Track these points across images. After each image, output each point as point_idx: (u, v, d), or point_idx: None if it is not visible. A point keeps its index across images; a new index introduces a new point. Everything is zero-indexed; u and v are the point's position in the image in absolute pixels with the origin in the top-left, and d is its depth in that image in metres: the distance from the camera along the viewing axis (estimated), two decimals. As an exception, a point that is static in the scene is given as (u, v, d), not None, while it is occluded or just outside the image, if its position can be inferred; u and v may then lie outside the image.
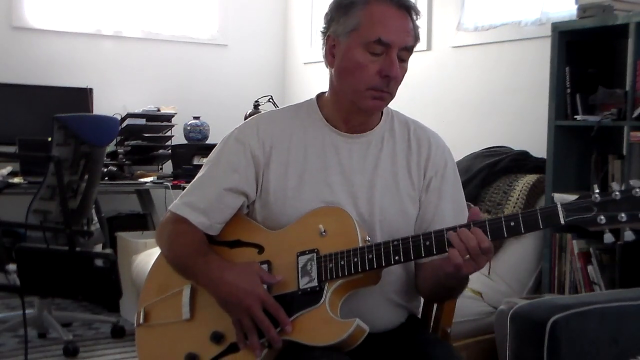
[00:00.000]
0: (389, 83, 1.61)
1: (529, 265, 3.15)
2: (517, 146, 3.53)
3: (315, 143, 1.70)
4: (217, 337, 1.62)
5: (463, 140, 3.86)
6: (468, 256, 1.46)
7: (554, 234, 3.05)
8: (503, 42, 3.82)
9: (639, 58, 2.79)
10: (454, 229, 1.49)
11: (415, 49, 1.67)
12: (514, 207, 3.16)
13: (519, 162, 3.36)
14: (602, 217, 1.40)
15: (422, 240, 1.51)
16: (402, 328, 1.73)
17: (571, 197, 2.94)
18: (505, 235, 1.45)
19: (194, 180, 1.76)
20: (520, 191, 3.20)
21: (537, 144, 3.33)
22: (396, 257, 1.53)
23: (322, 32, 1.71)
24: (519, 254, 3.16)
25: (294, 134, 1.71)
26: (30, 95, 4.55)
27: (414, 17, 1.63)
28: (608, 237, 1.43)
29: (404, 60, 1.62)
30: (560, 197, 3.02)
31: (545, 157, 3.14)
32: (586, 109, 2.99)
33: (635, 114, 2.78)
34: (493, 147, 3.60)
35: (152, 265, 1.81)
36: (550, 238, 3.06)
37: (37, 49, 4.78)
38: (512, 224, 1.44)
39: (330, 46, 1.68)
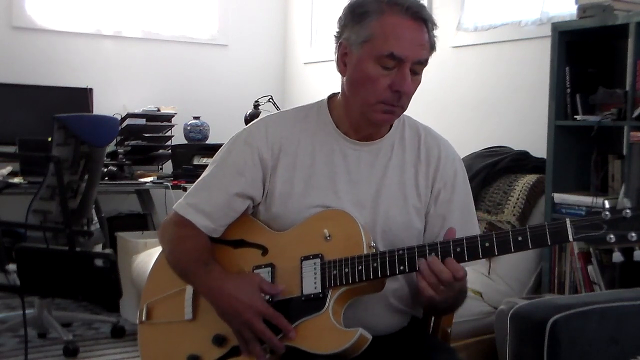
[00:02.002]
0: (400, 98, 1.56)
1: (529, 265, 3.15)
2: (517, 146, 3.53)
3: (323, 149, 1.67)
4: (219, 340, 1.62)
5: (463, 140, 3.86)
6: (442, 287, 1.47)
7: (554, 234, 3.05)
8: (503, 42, 3.82)
9: (639, 58, 2.79)
10: (460, 242, 1.47)
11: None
12: (514, 207, 3.16)
13: (519, 162, 3.36)
14: (612, 236, 1.37)
15: (427, 251, 1.49)
16: (404, 331, 1.72)
17: (571, 197, 2.99)
18: (512, 250, 1.43)
19: (199, 180, 1.72)
20: (520, 191, 3.19)
21: (537, 144, 3.33)
22: (401, 267, 1.50)
23: (335, 37, 1.64)
24: (519, 254, 3.12)
25: (303, 137, 1.68)
26: (30, 95, 4.55)
27: (431, 28, 1.57)
28: (617, 257, 1.42)
29: (417, 73, 1.58)
30: (560, 197, 3.03)
31: (545, 157, 3.14)
32: (586, 109, 2.99)
33: (635, 114, 2.78)
34: (493, 147, 3.60)
35: (155, 262, 1.79)
36: (550, 238, 3.06)
37: (37, 49, 4.78)
38: (520, 238, 1.42)
39: (342, 54, 1.61)
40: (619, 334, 2.01)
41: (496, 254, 1.45)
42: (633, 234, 1.36)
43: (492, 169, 3.33)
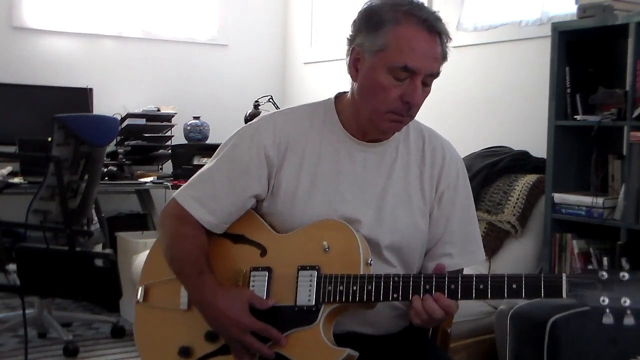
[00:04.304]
0: (409, 108, 1.57)
1: (529, 265, 3.15)
2: (517, 146, 3.53)
3: (330, 148, 1.67)
4: (211, 336, 1.63)
5: (463, 140, 3.86)
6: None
7: (554, 233, 3.05)
8: (503, 42, 3.82)
9: (639, 58, 2.79)
10: (455, 280, 1.48)
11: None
12: (514, 207, 3.16)
13: (519, 162, 3.36)
14: (605, 298, 1.35)
15: (422, 283, 1.50)
16: (405, 333, 1.72)
17: (571, 197, 2.99)
18: (505, 297, 1.44)
19: (203, 172, 1.70)
20: (520, 191, 3.19)
21: (537, 144, 3.33)
22: (394, 295, 1.51)
23: (348, 40, 1.63)
24: (519, 254, 3.16)
25: (310, 136, 1.67)
26: (30, 95, 4.55)
27: (445, 41, 1.58)
28: (607, 319, 1.36)
29: (427, 85, 1.58)
30: (560, 197, 3.03)
31: (545, 157, 3.14)
32: (586, 109, 2.99)
33: (635, 114, 2.78)
34: (493, 147, 3.60)
35: (154, 244, 1.78)
36: (550, 238, 3.06)
37: (37, 49, 4.78)
38: (514, 286, 1.43)
39: (355, 59, 1.61)
40: (618, 334, 2.01)
41: (489, 297, 1.46)
42: (626, 300, 1.33)
43: (492, 169, 3.33)
